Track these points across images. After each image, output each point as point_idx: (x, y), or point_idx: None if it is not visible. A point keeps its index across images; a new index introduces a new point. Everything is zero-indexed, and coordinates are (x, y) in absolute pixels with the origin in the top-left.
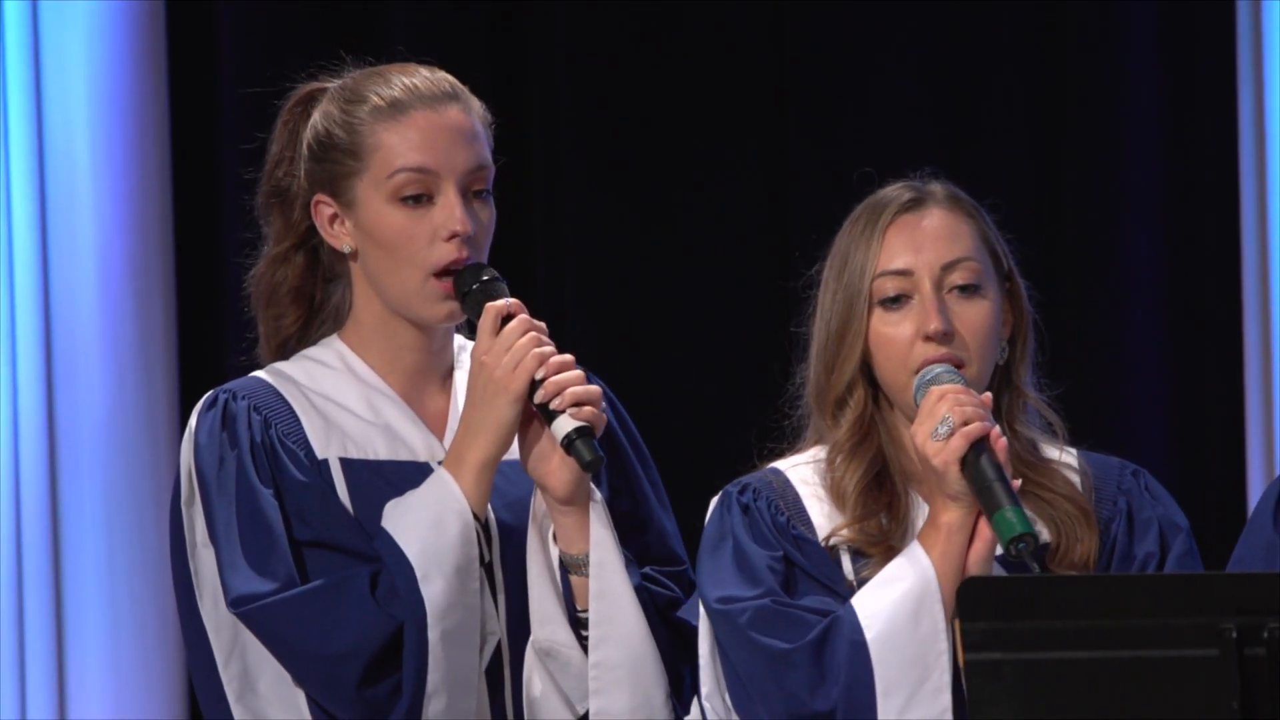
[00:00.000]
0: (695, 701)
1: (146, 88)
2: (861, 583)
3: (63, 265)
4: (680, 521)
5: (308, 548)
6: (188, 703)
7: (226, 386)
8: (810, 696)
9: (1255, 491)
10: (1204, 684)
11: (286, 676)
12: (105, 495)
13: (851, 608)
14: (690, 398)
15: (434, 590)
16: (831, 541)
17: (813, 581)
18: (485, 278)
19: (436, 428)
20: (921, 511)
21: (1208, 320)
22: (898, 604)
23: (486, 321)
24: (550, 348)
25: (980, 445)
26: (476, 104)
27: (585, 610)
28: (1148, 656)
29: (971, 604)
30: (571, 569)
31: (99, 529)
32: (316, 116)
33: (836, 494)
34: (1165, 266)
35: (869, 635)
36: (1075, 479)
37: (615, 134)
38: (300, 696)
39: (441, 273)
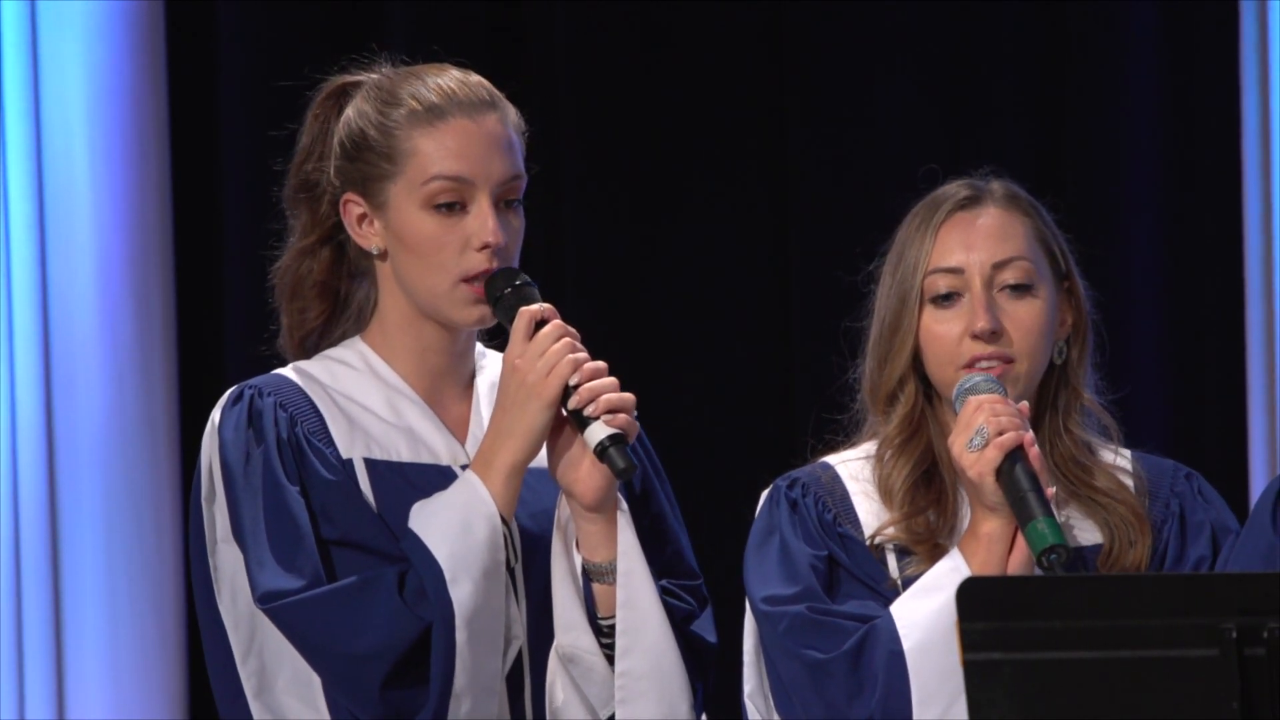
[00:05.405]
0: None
1: (146, 88)
2: (906, 581)
3: (61, 265)
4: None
5: (334, 546)
6: (187, 703)
7: (251, 382)
8: (848, 705)
9: (1257, 491)
10: (1204, 684)
11: (305, 674)
12: (104, 496)
13: (890, 616)
14: (688, 397)
15: (462, 593)
16: (876, 541)
17: (856, 582)
18: (518, 282)
19: (458, 432)
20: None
21: (1208, 320)
22: (937, 614)
23: (520, 326)
24: (584, 354)
25: (1015, 455)
26: (512, 112)
27: (606, 618)
28: (1148, 656)
29: (971, 604)
30: (595, 577)
31: (98, 529)
32: (350, 113)
33: (884, 490)
34: (1165, 266)
35: (906, 645)
36: (1129, 482)
37: (615, 133)
38: (319, 694)
39: (471, 278)
